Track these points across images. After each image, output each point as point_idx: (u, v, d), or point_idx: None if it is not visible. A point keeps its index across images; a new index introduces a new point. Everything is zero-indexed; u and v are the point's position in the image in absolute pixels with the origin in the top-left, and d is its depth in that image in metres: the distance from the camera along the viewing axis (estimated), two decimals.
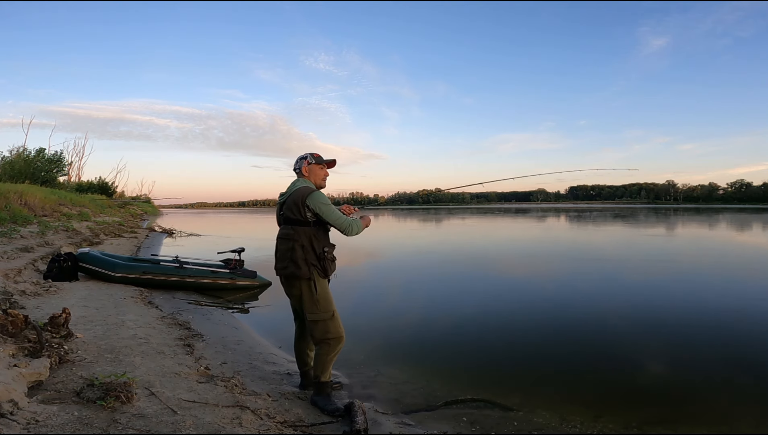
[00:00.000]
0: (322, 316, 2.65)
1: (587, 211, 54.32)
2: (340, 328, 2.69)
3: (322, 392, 2.73)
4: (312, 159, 2.79)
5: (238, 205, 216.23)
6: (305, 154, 2.82)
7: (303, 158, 2.82)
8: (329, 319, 2.66)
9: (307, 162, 2.80)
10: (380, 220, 32.87)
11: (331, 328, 2.66)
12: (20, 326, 2.65)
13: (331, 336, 2.66)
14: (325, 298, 2.66)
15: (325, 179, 2.85)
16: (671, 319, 4.93)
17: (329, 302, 2.68)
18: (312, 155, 2.81)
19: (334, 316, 2.67)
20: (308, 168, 2.79)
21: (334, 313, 2.68)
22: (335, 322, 2.67)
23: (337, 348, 2.70)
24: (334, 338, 2.67)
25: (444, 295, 6.48)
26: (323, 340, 2.67)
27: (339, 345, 2.70)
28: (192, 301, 5.48)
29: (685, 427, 2.65)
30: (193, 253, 8.09)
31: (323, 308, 2.65)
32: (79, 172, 34.99)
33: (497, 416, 2.74)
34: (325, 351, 2.69)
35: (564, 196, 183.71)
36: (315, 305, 2.65)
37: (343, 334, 2.71)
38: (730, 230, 19.11)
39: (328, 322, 2.65)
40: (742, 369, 3.51)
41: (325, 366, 2.71)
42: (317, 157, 2.81)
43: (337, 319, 2.69)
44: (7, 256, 6.08)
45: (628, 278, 7.67)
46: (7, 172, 21.24)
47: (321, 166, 2.82)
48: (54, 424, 1.88)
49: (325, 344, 2.68)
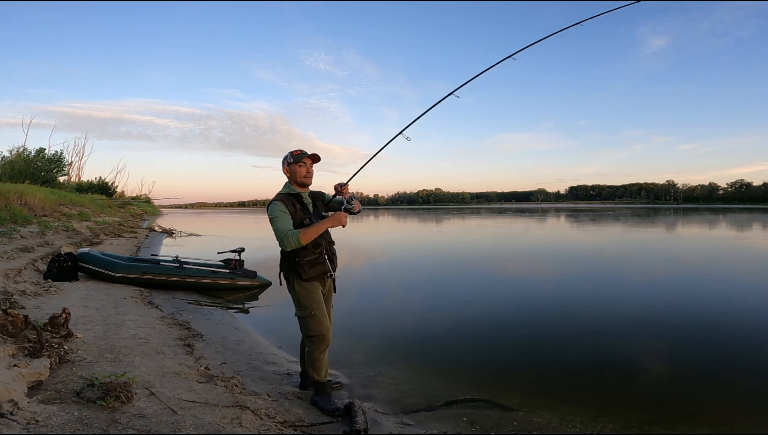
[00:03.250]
0: (302, 314, 2.75)
1: (587, 211, 54.33)
2: (322, 326, 2.74)
3: (322, 392, 2.79)
4: (291, 158, 2.79)
5: (238, 205, 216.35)
6: (286, 155, 2.83)
7: (284, 160, 2.83)
8: (308, 316, 2.73)
9: (287, 162, 2.80)
10: (380, 221, 32.88)
11: (311, 325, 2.73)
12: (20, 326, 2.65)
13: (312, 333, 2.73)
14: (305, 297, 2.73)
15: (308, 176, 2.81)
16: (671, 319, 4.93)
17: (309, 301, 2.73)
18: (291, 154, 2.80)
19: (313, 314, 2.73)
20: (288, 168, 2.80)
21: (313, 311, 2.73)
22: (315, 320, 2.73)
23: (321, 346, 2.76)
24: (316, 335, 2.73)
25: (444, 295, 6.48)
26: (306, 336, 2.79)
27: (323, 343, 2.76)
28: (192, 301, 5.47)
29: (685, 427, 2.65)
30: (193, 253, 8.09)
31: (303, 307, 2.74)
32: (79, 172, 35.02)
33: (497, 416, 2.74)
34: (310, 348, 2.78)
35: (564, 196, 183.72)
36: (296, 304, 2.78)
37: (325, 332, 2.76)
38: (730, 230, 19.11)
39: (308, 320, 2.73)
40: (742, 369, 3.51)
41: (314, 364, 2.78)
42: (296, 155, 2.79)
43: (318, 318, 2.74)
44: (7, 256, 6.08)
45: (628, 278, 7.67)
46: (7, 172, 21.24)
47: (300, 164, 2.79)
48: (54, 424, 1.88)
49: (309, 341, 2.77)
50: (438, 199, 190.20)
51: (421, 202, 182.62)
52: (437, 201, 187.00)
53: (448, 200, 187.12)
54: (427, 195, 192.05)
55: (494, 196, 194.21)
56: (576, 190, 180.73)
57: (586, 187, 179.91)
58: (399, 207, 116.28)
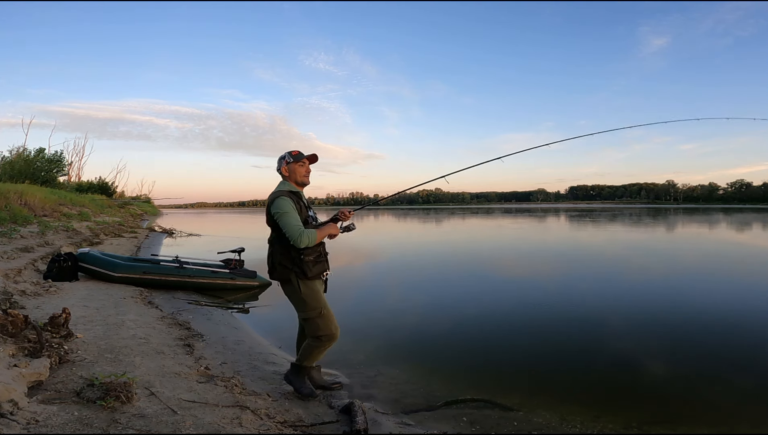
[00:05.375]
0: (310, 315, 2.71)
1: (587, 211, 54.32)
2: (331, 325, 2.73)
3: (299, 374, 2.83)
4: (290, 157, 2.80)
5: (238, 205, 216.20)
6: (284, 154, 2.84)
7: (282, 158, 2.83)
8: (317, 316, 2.71)
9: (285, 162, 2.81)
10: (380, 220, 32.87)
11: (321, 325, 2.71)
12: (20, 326, 2.65)
13: (321, 333, 2.72)
14: (311, 296, 2.70)
15: (307, 175, 2.84)
16: (671, 318, 4.92)
17: (316, 301, 2.71)
18: (290, 154, 2.81)
19: (323, 313, 2.71)
20: (287, 167, 2.81)
21: (322, 311, 2.71)
22: (324, 319, 2.71)
23: (328, 344, 2.77)
24: (325, 335, 2.72)
25: (444, 294, 6.48)
26: (315, 337, 2.75)
27: (330, 342, 2.76)
28: (192, 301, 5.47)
29: (685, 427, 2.65)
30: (193, 253, 8.09)
31: (310, 307, 2.70)
32: (79, 172, 35.02)
33: (497, 416, 2.74)
34: (316, 345, 2.76)
35: (564, 196, 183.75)
36: (302, 304, 2.73)
37: (335, 331, 2.75)
38: (730, 230, 19.11)
39: (317, 320, 2.71)
40: (742, 369, 3.51)
41: (311, 356, 2.80)
42: (295, 155, 2.80)
43: (327, 317, 2.73)
44: (7, 256, 6.08)
45: (628, 278, 7.67)
46: (7, 172, 21.24)
47: (300, 163, 2.81)
48: (54, 424, 1.88)
49: (317, 340, 2.75)
50: (438, 199, 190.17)
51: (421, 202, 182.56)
52: (437, 201, 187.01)
53: (448, 200, 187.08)
54: (427, 195, 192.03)
55: (494, 196, 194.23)
56: (576, 190, 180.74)
57: (586, 187, 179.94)
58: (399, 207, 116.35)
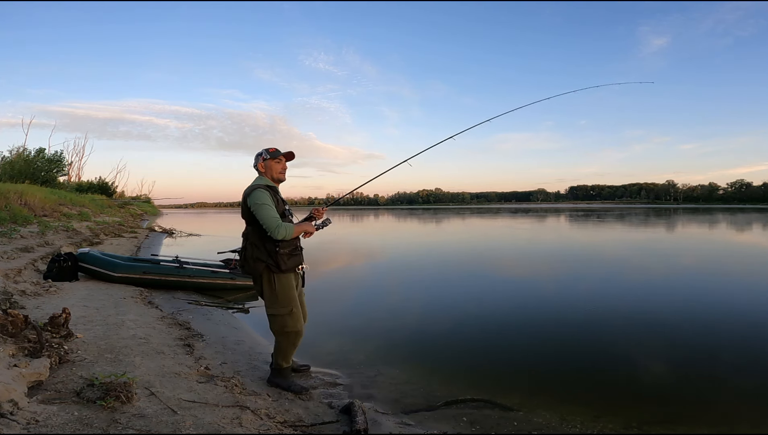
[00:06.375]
0: (280, 311, 2.74)
1: (587, 211, 54.33)
2: (299, 322, 2.78)
3: (281, 374, 2.87)
4: (267, 154, 2.84)
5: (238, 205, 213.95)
6: (261, 151, 2.88)
7: (259, 155, 2.88)
8: (287, 314, 2.74)
9: (262, 158, 2.85)
10: (380, 220, 32.88)
11: (289, 322, 2.75)
12: (20, 326, 2.65)
13: (289, 329, 2.76)
14: (284, 293, 2.73)
15: (283, 172, 2.90)
16: (671, 318, 4.92)
17: (288, 298, 2.74)
18: (267, 150, 2.86)
19: (292, 312, 2.74)
20: (264, 164, 2.85)
21: (293, 309, 2.74)
22: (293, 317, 2.75)
23: (297, 340, 2.81)
24: (293, 332, 2.77)
25: (444, 295, 6.48)
26: (282, 332, 2.78)
27: (299, 338, 2.81)
28: (192, 301, 5.47)
29: (685, 427, 2.65)
30: (193, 253, 8.09)
31: (281, 303, 2.73)
32: (79, 172, 35.02)
33: (497, 416, 2.74)
34: (284, 343, 2.80)
35: (564, 196, 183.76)
36: (273, 300, 2.74)
37: (301, 328, 2.81)
38: (731, 230, 19.11)
39: (286, 317, 2.74)
40: (742, 369, 3.51)
41: (285, 354, 2.84)
42: (272, 152, 2.85)
43: (296, 315, 2.76)
44: (7, 256, 6.08)
45: (628, 278, 7.67)
46: (7, 172, 21.23)
47: (277, 160, 2.85)
48: (54, 424, 1.88)
49: (284, 337, 2.78)
50: (438, 199, 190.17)
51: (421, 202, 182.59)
52: (437, 201, 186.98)
53: (448, 200, 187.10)
54: (427, 195, 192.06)
55: (494, 196, 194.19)
56: (576, 190, 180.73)
57: (586, 187, 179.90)
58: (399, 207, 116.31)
